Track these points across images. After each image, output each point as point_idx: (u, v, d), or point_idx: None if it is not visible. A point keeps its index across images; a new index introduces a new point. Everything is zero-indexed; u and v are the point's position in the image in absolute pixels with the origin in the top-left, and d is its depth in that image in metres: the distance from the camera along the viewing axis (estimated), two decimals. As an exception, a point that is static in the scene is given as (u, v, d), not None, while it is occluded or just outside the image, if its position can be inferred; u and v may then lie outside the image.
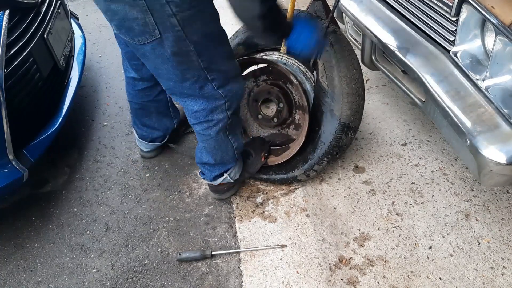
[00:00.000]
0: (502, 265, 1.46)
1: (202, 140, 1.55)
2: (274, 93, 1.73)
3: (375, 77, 2.34)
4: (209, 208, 1.78)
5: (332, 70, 1.58)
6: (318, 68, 1.63)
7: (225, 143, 1.55)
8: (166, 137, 1.98)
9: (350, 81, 1.57)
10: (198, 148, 1.63)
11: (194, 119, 1.47)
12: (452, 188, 1.72)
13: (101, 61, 2.76)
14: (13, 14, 1.64)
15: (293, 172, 1.73)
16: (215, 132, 1.48)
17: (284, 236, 1.60)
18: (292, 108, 1.75)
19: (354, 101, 1.58)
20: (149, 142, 1.94)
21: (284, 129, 1.82)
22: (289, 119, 1.78)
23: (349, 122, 1.59)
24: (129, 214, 1.78)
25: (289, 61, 1.74)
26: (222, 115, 1.44)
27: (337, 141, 1.61)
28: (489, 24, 1.24)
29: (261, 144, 1.80)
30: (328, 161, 1.66)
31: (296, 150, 1.69)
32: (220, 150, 1.57)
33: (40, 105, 1.78)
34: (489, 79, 1.26)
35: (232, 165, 1.65)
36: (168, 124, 1.93)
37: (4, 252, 1.67)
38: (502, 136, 1.22)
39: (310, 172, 1.70)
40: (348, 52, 1.61)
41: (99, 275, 1.57)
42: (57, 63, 1.90)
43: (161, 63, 1.28)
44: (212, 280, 1.52)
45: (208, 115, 1.43)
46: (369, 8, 1.68)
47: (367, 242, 1.56)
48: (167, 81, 1.37)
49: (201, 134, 1.51)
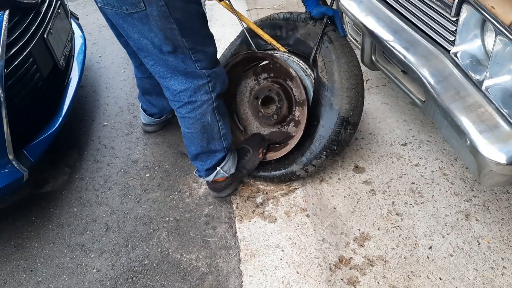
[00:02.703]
0: (502, 265, 1.46)
1: (187, 125, 1.54)
2: (275, 90, 1.74)
3: (375, 77, 2.34)
4: (209, 208, 1.78)
5: (332, 65, 1.61)
6: (318, 64, 1.66)
7: (211, 127, 1.55)
8: (163, 116, 2.12)
9: (350, 76, 1.60)
10: (185, 141, 1.62)
11: (178, 102, 1.48)
12: (452, 188, 1.72)
13: (101, 61, 2.76)
14: (13, 14, 1.64)
15: (291, 167, 1.71)
16: (200, 114, 1.49)
17: (284, 236, 1.60)
18: (292, 105, 1.76)
19: (354, 96, 1.60)
20: (148, 116, 2.09)
21: (284, 127, 1.82)
22: (289, 116, 1.78)
23: (348, 117, 1.60)
24: (129, 214, 1.78)
25: (289, 58, 1.76)
26: (206, 96, 1.46)
27: (336, 135, 1.61)
28: (489, 24, 1.24)
29: (259, 141, 1.80)
30: (327, 156, 1.65)
31: (294, 143, 1.69)
32: (206, 135, 1.56)
33: (40, 105, 1.78)
34: (489, 79, 1.26)
35: (222, 154, 1.64)
36: (165, 104, 2.01)
37: (4, 252, 1.67)
38: (502, 136, 1.22)
39: (309, 167, 1.68)
40: (347, 49, 1.65)
41: (99, 275, 1.57)
42: (57, 63, 1.90)
43: (148, 32, 1.31)
44: (212, 280, 1.52)
45: (192, 96, 1.45)
46: (369, 8, 1.68)
47: (367, 242, 1.56)
48: (151, 56, 1.39)
49: (186, 117, 1.51)
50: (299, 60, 1.75)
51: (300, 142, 1.68)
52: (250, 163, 1.75)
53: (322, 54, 1.65)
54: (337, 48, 1.62)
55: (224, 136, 1.61)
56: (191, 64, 1.40)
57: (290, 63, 1.74)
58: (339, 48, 1.63)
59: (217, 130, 1.57)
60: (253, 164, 1.75)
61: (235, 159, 1.71)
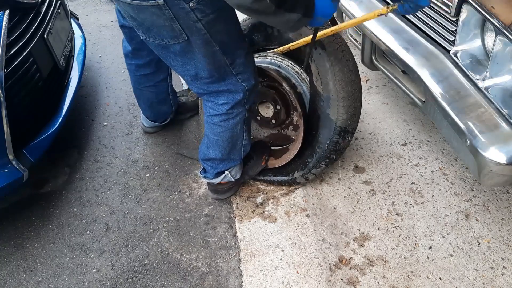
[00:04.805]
0: (502, 265, 1.46)
1: (215, 132, 1.54)
2: (270, 96, 1.71)
3: (375, 77, 2.34)
4: (209, 208, 1.78)
5: (326, 74, 1.53)
6: (312, 71, 1.58)
7: (237, 137, 1.56)
8: (167, 120, 2.14)
9: (346, 84, 1.52)
10: (203, 144, 1.62)
11: (215, 111, 1.48)
12: (452, 188, 1.72)
13: (101, 61, 2.76)
14: (13, 14, 1.64)
15: (292, 175, 1.74)
16: (232, 124, 1.50)
17: (284, 236, 1.60)
18: (289, 109, 1.74)
19: (350, 104, 1.54)
20: (150, 121, 2.11)
21: (284, 129, 1.82)
22: (288, 120, 1.77)
23: (345, 126, 1.56)
24: (129, 214, 1.78)
25: (283, 62, 1.69)
26: (241, 108, 1.48)
27: (334, 145, 1.60)
28: (489, 24, 1.24)
29: (262, 148, 1.80)
30: (326, 165, 1.66)
31: (294, 154, 1.69)
32: (231, 145, 1.57)
33: (40, 105, 1.78)
34: (489, 79, 1.26)
35: (237, 163, 1.66)
36: (167, 109, 2.08)
37: (4, 252, 1.67)
38: (502, 136, 1.22)
39: (308, 175, 1.71)
40: (342, 53, 1.53)
41: (99, 275, 1.57)
42: (57, 63, 1.90)
43: (190, 60, 1.32)
44: (212, 280, 1.52)
45: (230, 109, 1.46)
46: (369, 8, 1.68)
47: (367, 242, 1.56)
48: (194, 79, 1.40)
49: (218, 125, 1.51)
50: (293, 64, 1.68)
51: (300, 151, 1.67)
52: (253, 170, 1.76)
53: (315, 61, 1.56)
54: (330, 55, 1.51)
55: (244, 147, 1.63)
56: (232, 80, 1.39)
57: (284, 69, 1.67)
58: (332, 54, 1.51)
59: (240, 141, 1.59)
60: (256, 170, 1.76)
61: (242, 164, 1.72)
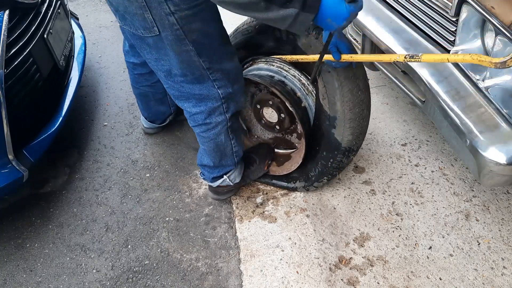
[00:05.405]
0: (502, 265, 1.46)
1: (202, 142, 1.55)
2: (275, 104, 1.66)
3: (375, 77, 2.34)
4: (209, 208, 1.78)
5: (334, 94, 1.44)
6: (319, 87, 1.48)
7: (224, 146, 1.54)
8: (166, 121, 2.12)
9: (354, 105, 1.44)
10: (199, 150, 1.64)
11: (193, 122, 1.48)
12: (452, 188, 1.72)
13: (101, 61, 2.76)
14: (13, 14, 1.64)
15: (294, 184, 1.75)
16: (214, 135, 1.48)
17: (284, 236, 1.60)
18: (294, 119, 1.67)
19: (357, 126, 1.48)
20: (149, 122, 2.10)
21: (288, 135, 1.80)
22: (291, 127, 1.73)
23: (351, 146, 1.53)
24: (129, 214, 1.78)
25: (289, 72, 1.60)
26: (220, 117, 1.44)
27: (337, 164, 1.59)
28: (489, 24, 1.24)
29: (266, 152, 1.79)
30: (328, 180, 1.67)
31: (295, 167, 1.69)
32: (219, 153, 1.56)
33: (40, 105, 1.78)
34: (489, 79, 1.26)
35: (232, 168, 1.65)
36: (165, 110, 2.05)
37: (4, 252, 1.67)
38: (502, 136, 1.22)
39: (310, 187, 1.72)
40: (352, 73, 1.42)
41: (99, 275, 1.57)
42: (57, 63, 1.90)
43: (163, 56, 1.28)
44: (212, 280, 1.52)
45: (207, 118, 1.43)
46: (369, 8, 1.67)
47: (367, 242, 1.56)
48: (165, 79, 1.36)
49: (201, 136, 1.51)
50: (300, 74, 1.59)
51: (303, 163, 1.66)
52: (255, 174, 1.76)
53: (323, 79, 1.46)
54: (340, 74, 1.40)
55: (236, 153, 1.61)
56: (208, 83, 1.34)
57: (289, 80, 1.60)
58: (342, 73, 1.40)
59: (230, 148, 1.57)
60: (258, 174, 1.77)
61: (242, 169, 1.72)
